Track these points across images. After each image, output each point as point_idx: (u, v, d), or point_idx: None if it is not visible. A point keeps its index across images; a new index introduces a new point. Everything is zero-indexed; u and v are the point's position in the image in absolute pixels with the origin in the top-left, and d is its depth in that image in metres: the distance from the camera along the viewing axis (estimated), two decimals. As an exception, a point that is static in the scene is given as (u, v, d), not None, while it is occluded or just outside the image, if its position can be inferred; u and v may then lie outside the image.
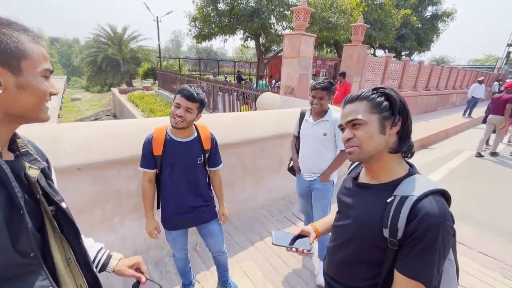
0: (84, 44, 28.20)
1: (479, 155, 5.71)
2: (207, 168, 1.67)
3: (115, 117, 16.60)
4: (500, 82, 13.80)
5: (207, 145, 1.59)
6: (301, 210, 2.35)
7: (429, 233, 0.70)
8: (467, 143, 6.96)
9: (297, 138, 2.20)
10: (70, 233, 0.69)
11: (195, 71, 20.24)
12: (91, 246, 0.89)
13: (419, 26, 18.09)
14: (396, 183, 0.80)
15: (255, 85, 10.50)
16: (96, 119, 17.16)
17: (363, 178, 0.92)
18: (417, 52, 21.12)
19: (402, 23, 15.80)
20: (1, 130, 0.59)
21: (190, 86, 1.43)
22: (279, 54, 13.49)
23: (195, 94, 1.39)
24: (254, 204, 3.06)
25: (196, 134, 1.57)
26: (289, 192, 3.42)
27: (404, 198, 0.75)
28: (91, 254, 0.85)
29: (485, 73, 16.84)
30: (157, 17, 19.25)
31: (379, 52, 20.79)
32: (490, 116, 5.67)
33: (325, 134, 1.93)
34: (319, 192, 2.03)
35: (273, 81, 11.24)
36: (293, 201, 3.30)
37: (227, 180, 2.47)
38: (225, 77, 15.11)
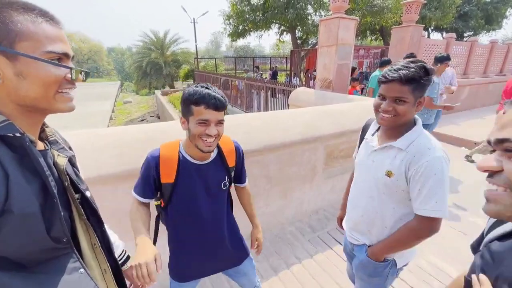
0: (134, 51, 30.77)
1: None
2: (230, 188, 1.27)
3: (158, 118, 17.71)
4: None
5: (231, 161, 1.18)
6: (348, 272, 1.54)
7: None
8: None
9: None
10: (94, 221, 0.71)
11: (232, 70, 20.40)
12: (117, 245, 0.91)
13: (488, 0, 15.20)
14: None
15: (289, 81, 9.91)
16: (142, 120, 18.55)
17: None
18: (485, 31, 17.86)
19: (464, -1, 13.45)
20: (26, 121, 0.56)
21: (207, 87, 0.98)
22: (316, 47, 12.62)
23: (221, 97, 0.97)
24: (281, 219, 2.61)
25: (217, 150, 1.14)
26: (324, 205, 2.89)
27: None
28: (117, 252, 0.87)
29: None
30: (194, 19, 19.78)
31: (435, 36, 18.19)
32: None
33: (388, 174, 1.01)
34: (364, 268, 1.18)
35: (309, 75, 10.49)
36: (329, 217, 2.76)
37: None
38: (261, 74, 14.68)
